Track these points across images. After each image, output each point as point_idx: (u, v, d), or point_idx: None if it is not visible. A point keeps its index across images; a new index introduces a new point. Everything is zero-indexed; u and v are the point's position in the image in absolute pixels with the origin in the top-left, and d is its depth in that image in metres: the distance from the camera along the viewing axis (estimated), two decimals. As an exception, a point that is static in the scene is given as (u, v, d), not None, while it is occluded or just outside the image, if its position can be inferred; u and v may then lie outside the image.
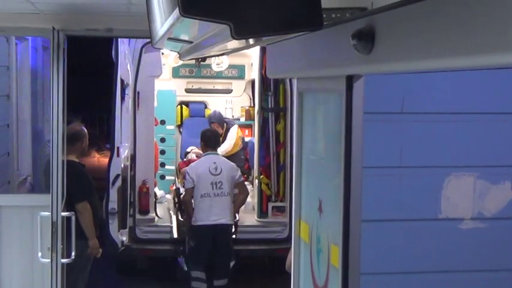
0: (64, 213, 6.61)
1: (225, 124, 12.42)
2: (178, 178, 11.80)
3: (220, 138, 11.38)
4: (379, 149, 3.91)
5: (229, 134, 12.25)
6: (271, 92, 10.57)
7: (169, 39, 3.00)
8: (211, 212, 9.27)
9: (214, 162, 9.52)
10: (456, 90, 4.14)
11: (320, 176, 4.16)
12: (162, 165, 12.56)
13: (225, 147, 11.91)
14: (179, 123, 13.48)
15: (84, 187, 7.52)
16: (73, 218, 6.69)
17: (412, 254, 4.07)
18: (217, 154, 9.94)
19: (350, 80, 3.36)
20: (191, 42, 3.08)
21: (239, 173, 9.77)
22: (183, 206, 9.83)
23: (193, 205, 9.44)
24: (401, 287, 4.02)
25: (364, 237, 3.68)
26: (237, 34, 2.02)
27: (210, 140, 9.84)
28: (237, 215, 9.92)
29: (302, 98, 4.37)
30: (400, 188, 4.09)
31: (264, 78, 10.61)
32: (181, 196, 9.88)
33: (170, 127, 12.93)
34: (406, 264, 4.07)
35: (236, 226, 9.83)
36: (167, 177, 12.61)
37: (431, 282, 4.10)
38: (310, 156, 4.36)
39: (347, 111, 3.41)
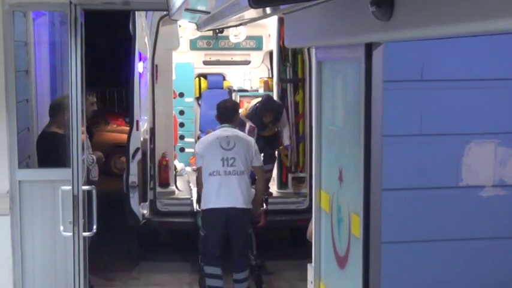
0: (85, 187, 6.65)
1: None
2: None
3: (270, 125, 10.21)
4: (399, 117, 3.88)
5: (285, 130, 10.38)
6: (290, 63, 10.52)
7: (187, 10, 2.98)
8: (221, 194, 7.99)
9: (227, 136, 8.18)
10: (477, 55, 4.10)
11: (340, 146, 4.15)
12: (182, 137, 12.58)
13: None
14: (198, 95, 13.49)
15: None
16: (94, 191, 6.72)
17: (433, 222, 4.05)
18: (233, 127, 8.45)
19: (369, 48, 3.34)
20: (208, 13, 3.06)
21: (256, 151, 8.37)
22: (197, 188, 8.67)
23: None
24: (422, 256, 4.01)
25: (385, 206, 3.68)
26: (255, 3, 2.01)
27: (223, 113, 8.51)
28: (265, 204, 9.07)
29: (321, 67, 4.35)
30: (421, 156, 4.07)
31: (282, 49, 10.55)
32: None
33: (189, 99, 12.94)
34: (427, 233, 4.06)
35: (265, 214, 8.98)
36: (186, 150, 12.63)
37: (452, 250, 4.09)
38: (329, 126, 4.34)
39: (366, 79, 3.39)
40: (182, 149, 12.55)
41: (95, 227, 6.75)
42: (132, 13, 9.20)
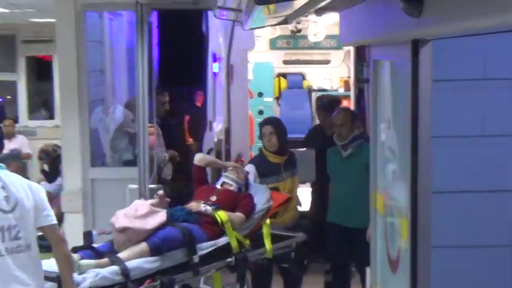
0: (151, 185, 6.68)
1: None
2: None
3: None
4: (451, 117, 3.72)
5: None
6: (366, 62, 10.37)
7: (219, 7, 2.92)
8: (6, 284, 4.18)
9: (3, 187, 4.25)
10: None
11: (392, 146, 4.03)
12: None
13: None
14: (277, 95, 13.45)
15: None
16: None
17: (491, 227, 3.88)
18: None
19: (416, 45, 3.21)
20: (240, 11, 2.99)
21: (44, 201, 4.37)
22: None
23: None
24: (476, 262, 3.84)
25: (440, 208, 3.53)
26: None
27: None
28: None
29: (375, 65, 4.23)
30: (482, 158, 3.90)
31: (359, 49, 10.41)
32: None
33: (268, 99, 12.92)
34: (485, 238, 3.89)
35: None
36: (266, 149, 12.59)
37: (509, 256, 3.91)
38: (383, 125, 4.23)
39: (413, 78, 3.27)
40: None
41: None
42: (205, 13, 9.22)
